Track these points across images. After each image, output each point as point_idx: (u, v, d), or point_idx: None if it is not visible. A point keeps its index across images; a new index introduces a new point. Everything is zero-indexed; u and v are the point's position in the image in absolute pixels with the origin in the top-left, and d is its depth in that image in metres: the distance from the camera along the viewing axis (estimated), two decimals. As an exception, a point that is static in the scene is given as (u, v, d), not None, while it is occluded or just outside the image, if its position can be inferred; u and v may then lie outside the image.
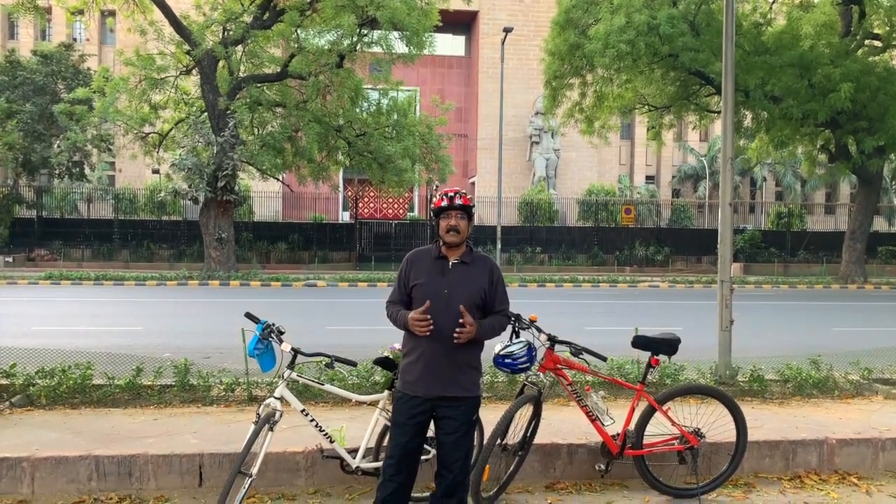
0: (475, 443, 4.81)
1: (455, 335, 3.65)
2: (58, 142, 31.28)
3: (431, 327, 3.66)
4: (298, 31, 24.03)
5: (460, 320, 3.67)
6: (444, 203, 3.81)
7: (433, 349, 3.75)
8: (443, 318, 3.72)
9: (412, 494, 4.20)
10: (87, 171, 34.00)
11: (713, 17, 23.40)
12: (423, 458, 4.07)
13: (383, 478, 3.85)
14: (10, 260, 29.00)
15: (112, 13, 31.61)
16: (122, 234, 31.75)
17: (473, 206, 3.89)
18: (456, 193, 3.83)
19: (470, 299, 3.75)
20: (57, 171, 32.03)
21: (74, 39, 40.77)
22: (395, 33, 23.66)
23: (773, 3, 26.81)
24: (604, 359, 4.98)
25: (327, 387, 4.89)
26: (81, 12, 25.43)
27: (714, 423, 4.98)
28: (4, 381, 6.45)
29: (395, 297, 3.94)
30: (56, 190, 34.81)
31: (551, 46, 25.32)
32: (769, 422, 5.95)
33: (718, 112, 26.24)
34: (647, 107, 28.27)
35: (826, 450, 5.44)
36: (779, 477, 5.30)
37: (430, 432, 3.93)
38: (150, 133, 26.71)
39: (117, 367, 6.76)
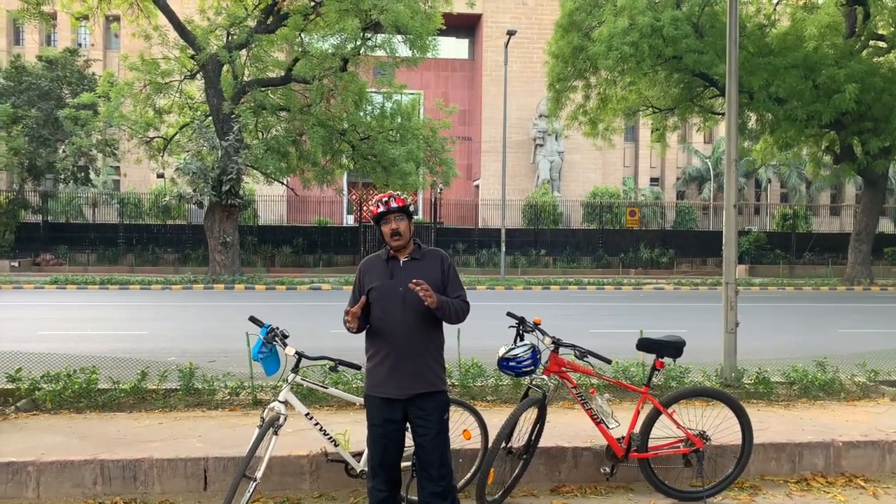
0: (480, 446, 4.82)
1: (421, 295, 3.64)
2: (63, 147, 31.37)
3: (354, 324, 3.76)
4: (302, 35, 24.08)
5: (415, 288, 3.64)
6: (381, 209, 3.86)
7: (396, 348, 3.81)
8: (400, 316, 3.79)
9: (410, 497, 4.22)
10: (92, 175, 34.13)
11: (717, 18, 23.38)
12: (404, 464, 4.09)
13: (369, 484, 3.94)
14: (16, 265, 29.08)
15: (117, 18, 31.72)
16: (127, 239, 31.81)
17: (410, 204, 3.93)
18: (390, 197, 3.88)
19: None
20: (62, 176, 32.13)
21: (79, 45, 40.93)
22: (399, 37, 23.67)
23: (777, 4, 26.78)
24: (608, 361, 4.97)
25: (331, 390, 4.90)
26: (86, 17, 25.56)
27: (720, 425, 4.97)
28: (10, 386, 6.47)
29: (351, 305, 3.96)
30: (61, 195, 34.93)
31: (555, 49, 25.32)
32: (775, 424, 5.93)
33: (723, 114, 26.20)
34: (651, 109, 28.23)
35: (832, 452, 5.42)
36: (785, 479, 5.28)
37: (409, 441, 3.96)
38: (154, 137, 26.77)
39: (122, 371, 6.78)
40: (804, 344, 11.12)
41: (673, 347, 4.89)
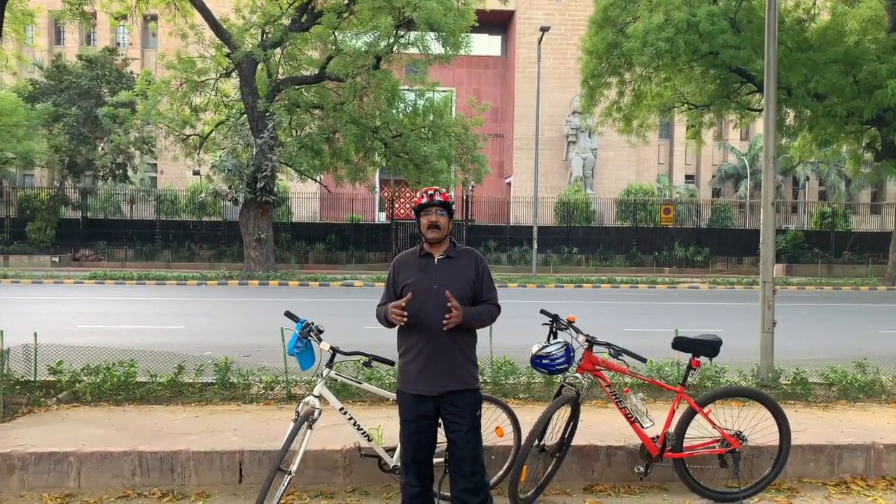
0: (513, 443, 4.82)
1: (444, 322, 3.68)
2: (102, 144, 31.96)
3: (405, 318, 3.72)
4: (336, 33, 24.19)
5: (448, 304, 3.69)
6: (425, 200, 3.89)
7: (428, 345, 3.81)
8: (433, 314, 3.78)
9: (443, 493, 4.23)
10: (129, 172, 34.69)
11: (754, 13, 22.99)
12: (437, 460, 4.10)
13: (402, 480, 3.95)
14: (57, 260, 29.74)
15: (154, 18, 32.19)
16: (163, 235, 32.33)
17: (452, 203, 3.95)
18: (435, 191, 3.91)
19: (459, 292, 3.79)
20: (101, 173, 32.73)
21: (118, 44, 41.58)
22: (432, 34, 23.65)
23: (817, -2, 26.25)
24: (643, 360, 4.92)
25: (365, 385, 4.93)
26: (125, 17, 25.97)
27: (756, 426, 4.90)
28: (52, 378, 6.61)
29: (384, 301, 3.97)
30: (100, 191, 35.57)
31: (589, 45, 25.10)
32: (813, 425, 5.83)
33: (760, 110, 25.78)
34: (686, 105, 27.87)
35: (873, 455, 5.31)
36: (824, 482, 5.19)
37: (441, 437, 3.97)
38: (190, 135, 27.15)
39: (159, 364, 6.89)
40: (843, 344, 10.92)
41: (709, 347, 4.83)
